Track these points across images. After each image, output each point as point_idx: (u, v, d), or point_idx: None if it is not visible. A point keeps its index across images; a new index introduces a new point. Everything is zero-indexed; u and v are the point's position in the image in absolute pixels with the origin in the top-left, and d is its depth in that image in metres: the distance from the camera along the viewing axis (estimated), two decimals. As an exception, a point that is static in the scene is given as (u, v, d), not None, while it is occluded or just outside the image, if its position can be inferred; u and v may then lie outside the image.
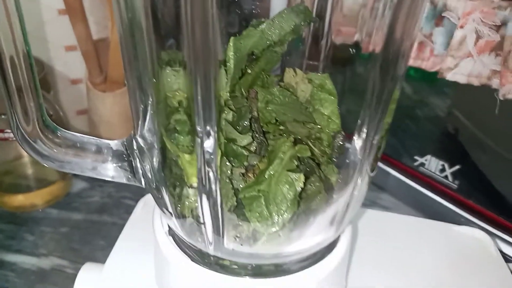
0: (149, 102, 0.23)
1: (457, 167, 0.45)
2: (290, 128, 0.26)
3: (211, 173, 0.22)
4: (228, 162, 0.24)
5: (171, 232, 0.29)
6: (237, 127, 0.24)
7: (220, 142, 0.22)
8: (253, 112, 0.25)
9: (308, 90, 0.29)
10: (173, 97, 0.23)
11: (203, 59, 0.19)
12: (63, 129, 0.25)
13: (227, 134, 0.24)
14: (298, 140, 0.26)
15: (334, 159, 0.27)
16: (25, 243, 0.44)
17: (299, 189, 0.24)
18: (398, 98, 0.25)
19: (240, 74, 0.26)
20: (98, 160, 0.26)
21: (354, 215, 0.28)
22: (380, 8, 0.23)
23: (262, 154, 0.25)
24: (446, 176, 0.46)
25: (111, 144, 0.26)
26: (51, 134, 0.25)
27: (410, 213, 0.50)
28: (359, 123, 0.25)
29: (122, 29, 0.21)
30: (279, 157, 0.24)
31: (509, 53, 0.38)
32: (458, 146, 0.45)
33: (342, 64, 0.30)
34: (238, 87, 0.26)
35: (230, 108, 0.24)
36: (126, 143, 0.26)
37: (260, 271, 0.27)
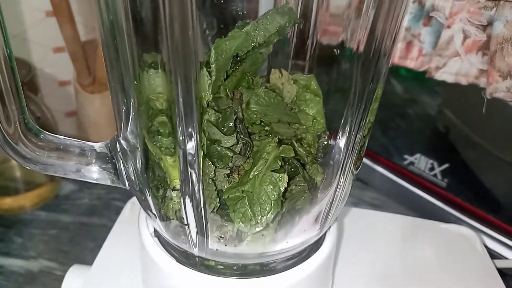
0: (131, 104, 0.23)
1: (446, 165, 0.46)
2: (276, 128, 0.27)
3: (193, 174, 0.22)
4: (211, 163, 0.24)
5: (156, 234, 0.29)
6: (221, 129, 0.24)
7: (202, 144, 0.22)
8: (238, 113, 0.26)
9: (293, 91, 0.29)
10: (156, 99, 0.23)
11: (183, 60, 0.19)
12: (46, 131, 0.25)
13: (211, 135, 0.24)
14: (283, 141, 0.26)
15: (319, 159, 0.27)
16: (13, 246, 0.44)
17: (283, 189, 0.24)
18: (389, 97, 0.25)
19: (225, 75, 0.26)
20: (82, 162, 0.26)
21: (338, 213, 0.28)
22: (364, 7, 0.23)
23: (247, 155, 0.25)
24: (435, 175, 0.47)
25: (95, 146, 0.26)
26: (33, 137, 0.25)
27: (400, 211, 0.50)
28: (342, 122, 0.25)
29: (104, 31, 0.21)
30: (263, 157, 0.24)
31: (495, 52, 0.38)
32: (447, 145, 0.45)
33: (327, 63, 0.30)
34: (223, 88, 0.26)
35: (214, 109, 0.24)
36: (110, 145, 0.26)
37: (245, 271, 0.27)
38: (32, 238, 0.45)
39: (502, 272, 0.37)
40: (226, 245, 0.25)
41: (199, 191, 0.22)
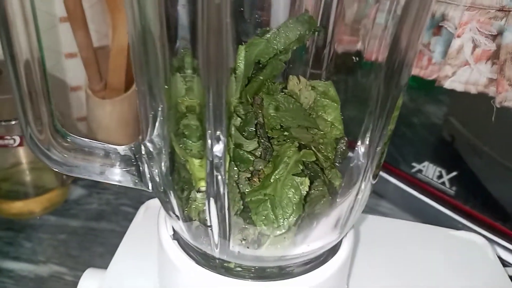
0: (159, 108, 0.23)
1: (454, 173, 0.46)
2: (294, 133, 0.27)
3: (219, 177, 0.22)
4: (235, 167, 0.24)
5: (175, 236, 0.29)
6: (243, 133, 0.25)
7: (229, 147, 0.22)
8: (258, 118, 0.26)
9: (311, 97, 0.29)
10: (182, 102, 0.23)
11: (216, 67, 0.19)
12: (72, 134, 0.26)
13: (235, 140, 0.24)
14: (302, 146, 0.26)
15: (337, 164, 0.27)
16: (23, 250, 0.44)
17: (305, 192, 0.24)
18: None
19: (247, 81, 0.26)
20: (106, 164, 0.26)
21: (357, 218, 0.29)
22: (383, 19, 0.24)
23: (267, 159, 0.25)
24: (443, 183, 0.47)
25: (119, 149, 0.27)
26: (61, 139, 0.25)
27: (408, 219, 0.50)
28: (362, 130, 0.25)
29: (134, 35, 0.22)
30: (284, 161, 0.25)
31: (505, 62, 0.39)
32: (455, 153, 0.46)
33: (344, 72, 0.30)
34: (244, 94, 0.26)
35: (237, 114, 0.25)
36: (134, 148, 0.26)
37: (263, 274, 0.27)
38: (42, 243, 0.46)
39: (513, 280, 0.37)
40: (247, 247, 0.25)
41: (224, 193, 0.23)
